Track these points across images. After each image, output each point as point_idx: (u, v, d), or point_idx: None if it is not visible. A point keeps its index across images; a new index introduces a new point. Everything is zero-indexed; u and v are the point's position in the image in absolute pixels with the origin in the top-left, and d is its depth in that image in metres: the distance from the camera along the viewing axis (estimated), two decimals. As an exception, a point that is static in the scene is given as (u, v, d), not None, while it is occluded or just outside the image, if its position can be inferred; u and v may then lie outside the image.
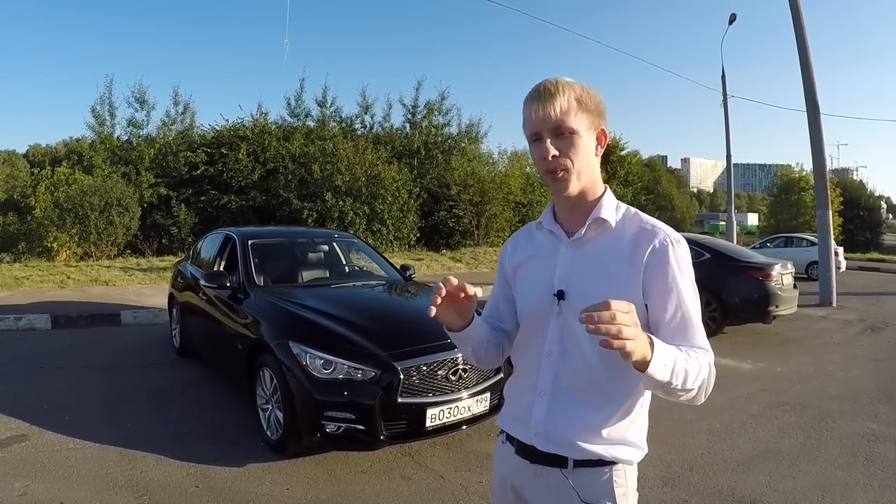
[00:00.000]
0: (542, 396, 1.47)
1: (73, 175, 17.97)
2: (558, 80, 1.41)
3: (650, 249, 1.38)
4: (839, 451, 4.51)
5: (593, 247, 1.45)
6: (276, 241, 6.54)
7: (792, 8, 12.84)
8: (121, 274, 13.44)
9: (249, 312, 4.83)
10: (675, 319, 1.38)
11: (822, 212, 13.13)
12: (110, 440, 4.34)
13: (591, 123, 1.41)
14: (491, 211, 22.69)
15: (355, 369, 3.86)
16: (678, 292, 1.38)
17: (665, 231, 1.42)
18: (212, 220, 18.91)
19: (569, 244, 1.48)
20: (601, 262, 1.42)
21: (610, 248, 1.43)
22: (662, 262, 1.38)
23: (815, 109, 12.81)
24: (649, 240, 1.39)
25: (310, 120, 22.97)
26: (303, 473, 3.89)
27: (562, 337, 1.45)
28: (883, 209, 44.67)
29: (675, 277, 1.37)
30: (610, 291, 1.26)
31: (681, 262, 1.39)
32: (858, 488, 3.88)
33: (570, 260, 1.47)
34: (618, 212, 1.47)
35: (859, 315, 11.41)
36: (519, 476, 1.54)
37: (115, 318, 9.01)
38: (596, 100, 1.42)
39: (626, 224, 1.45)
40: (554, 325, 1.47)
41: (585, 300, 1.29)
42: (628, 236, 1.42)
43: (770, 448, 4.57)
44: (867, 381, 6.59)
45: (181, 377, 6.10)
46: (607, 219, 1.44)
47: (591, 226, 1.45)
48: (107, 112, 20.49)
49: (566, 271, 1.47)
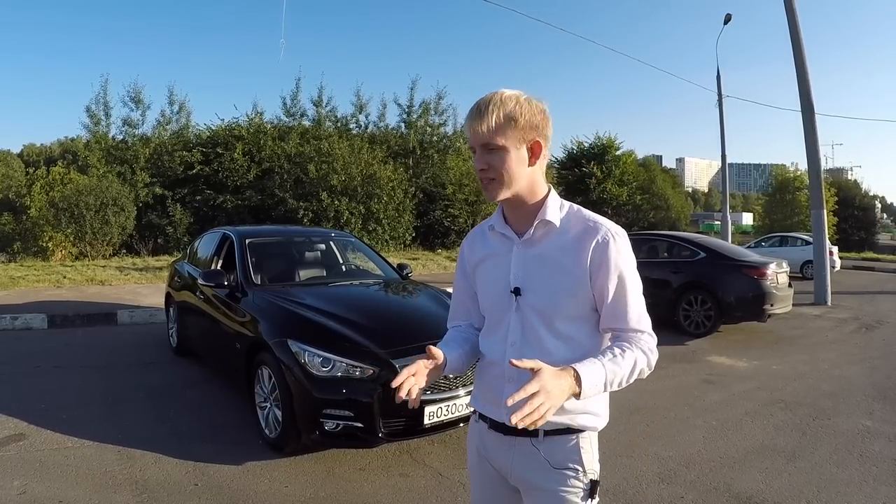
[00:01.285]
0: (510, 382, 1.57)
1: (69, 175, 17.95)
2: (492, 98, 1.54)
3: (594, 244, 1.54)
4: (834, 448, 4.53)
5: (542, 245, 1.61)
6: (274, 240, 6.55)
7: (787, 9, 12.89)
8: (117, 273, 13.42)
9: (247, 311, 4.84)
10: (616, 303, 1.54)
11: (817, 211, 13.18)
12: (109, 439, 4.34)
13: (521, 137, 1.53)
14: (486, 210, 22.66)
15: (354, 367, 3.87)
16: (619, 279, 1.53)
17: (606, 226, 1.57)
18: (207, 219, 18.92)
19: (520, 244, 1.64)
20: (551, 259, 1.58)
21: (557, 245, 1.59)
22: (605, 254, 1.53)
23: (811, 110, 12.86)
24: (592, 235, 1.55)
25: (305, 119, 23.06)
26: (301, 471, 3.90)
27: (522, 328, 1.61)
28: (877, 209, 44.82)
29: (616, 266, 1.53)
30: (561, 283, 1.56)
31: (622, 252, 1.55)
32: (853, 485, 3.90)
33: (523, 259, 1.63)
34: (562, 210, 1.62)
35: (854, 314, 11.46)
36: (494, 449, 1.70)
37: (112, 318, 8.99)
38: (530, 114, 1.53)
39: (570, 221, 1.60)
40: (514, 318, 1.63)
41: (540, 294, 1.59)
42: (573, 233, 1.58)
43: (766, 445, 4.59)
44: (862, 378, 6.63)
45: (179, 376, 6.10)
46: (551, 220, 1.59)
47: (538, 226, 1.60)
48: (102, 111, 20.53)
49: (520, 269, 1.63)
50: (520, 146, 1.54)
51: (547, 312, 1.58)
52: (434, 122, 25.05)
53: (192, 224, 19.08)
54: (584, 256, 1.54)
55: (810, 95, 12.81)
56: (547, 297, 1.58)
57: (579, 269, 1.55)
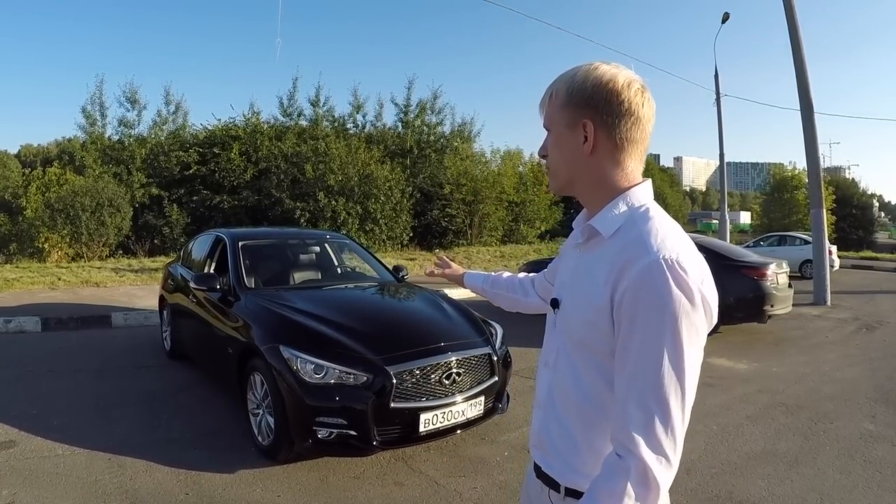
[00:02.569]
0: (538, 408, 1.41)
1: (65, 175, 17.88)
2: (561, 73, 1.31)
3: (624, 274, 1.13)
4: (837, 453, 4.47)
5: (590, 255, 1.29)
6: (267, 242, 6.47)
7: (786, 7, 12.82)
8: (112, 275, 13.32)
9: (240, 315, 4.76)
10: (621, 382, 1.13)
11: (817, 210, 13.11)
12: (100, 446, 4.26)
13: (573, 117, 1.25)
14: (484, 210, 22.67)
15: (347, 374, 3.79)
16: (640, 345, 1.09)
17: (657, 256, 1.11)
18: (204, 220, 18.87)
19: (576, 248, 1.37)
20: (590, 274, 1.24)
21: (599, 260, 1.23)
22: (633, 296, 1.10)
23: (810, 108, 12.79)
24: (629, 260, 1.13)
25: (302, 119, 22.98)
26: (294, 480, 3.82)
27: (557, 348, 1.35)
28: (875, 207, 44.79)
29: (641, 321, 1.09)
30: (585, 310, 1.22)
31: (664, 302, 1.07)
32: (857, 491, 3.85)
33: (573, 266, 1.36)
34: (621, 218, 1.24)
35: (854, 314, 11.40)
36: (533, 488, 1.45)
37: (106, 320, 8.90)
38: (582, 86, 1.24)
39: (623, 231, 1.22)
40: (551, 336, 1.40)
41: (570, 314, 1.30)
42: (616, 249, 1.19)
43: (767, 450, 4.53)
44: (863, 381, 6.57)
45: (172, 380, 6.02)
46: (598, 228, 1.25)
47: (585, 231, 1.32)
48: (98, 112, 20.46)
49: (567, 278, 1.38)
50: (569, 129, 1.27)
51: (572, 338, 1.29)
52: (431, 121, 25.01)
53: (189, 225, 19.02)
54: (609, 282, 1.16)
55: (809, 94, 12.74)
56: (571, 319, 1.29)
57: (602, 300, 1.17)
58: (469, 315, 4.84)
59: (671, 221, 1.24)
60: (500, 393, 4.47)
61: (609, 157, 1.26)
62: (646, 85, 1.26)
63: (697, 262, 1.14)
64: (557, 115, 1.29)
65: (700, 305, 1.10)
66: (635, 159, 1.28)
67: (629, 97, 1.22)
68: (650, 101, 1.26)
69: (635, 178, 1.28)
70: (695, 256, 1.15)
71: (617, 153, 1.25)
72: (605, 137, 1.24)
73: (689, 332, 1.09)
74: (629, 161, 1.27)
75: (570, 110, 1.26)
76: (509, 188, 23.65)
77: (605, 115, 1.22)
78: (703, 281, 1.12)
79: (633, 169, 1.28)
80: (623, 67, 1.27)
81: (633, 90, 1.23)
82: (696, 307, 1.09)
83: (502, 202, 23.56)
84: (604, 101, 1.22)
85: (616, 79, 1.23)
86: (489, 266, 18.09)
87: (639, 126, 1.24)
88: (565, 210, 27.99)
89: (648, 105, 1.25)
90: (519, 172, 25.62)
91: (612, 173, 1.27)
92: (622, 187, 1.27)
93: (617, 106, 1.22)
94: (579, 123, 1.24)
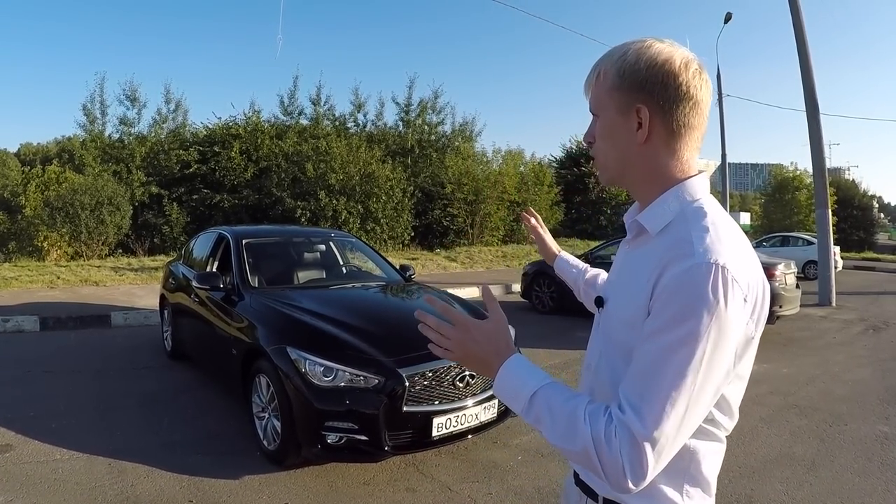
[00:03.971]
0: None
1: (64, 174, 17.79)
2: (608, 50, 1.19)
3: (666, 272, 1.03)
4: (854, 456, 4.40)
5: (637, 252, 1.21)
6: (272, 240, 6.34)
7: (792, 8, 12.71)
8: (111, 274, 13.21)
9: (244, 315, 4.64)
10: (636, 368, 1.04)
11: (822, 211, 13.02)
12: (99, 450, 4.14)
13: (624, 102, 1.14)
14: (485, 210, 22.53)
15: (357, 376, 3.67)
16: (663, 337, 1.01)
17: (702, 259, 1.01)
18: (204, 219, 18.76)
19: (625, 244, 1.29)
20: (635, 273, 1.14)
21: (644, 258, 1.14)
22: (671, 293, 1.02)
23: (815, 109, 12.70)
24: (673, 259, 1.04)
25: (303, 118, 22.82)
26: (302, 486, 3.71)
27: (600, 351, 1.25)
28: (875, 209, 44.71)
29: (671, 318, 1.00)
30: (627, 310, 1.13)
31: (698, 305, 0.98)
32: (877, 495, 3.78)
33: (620, 263, 1.29)
34: (671, 214, 1.14)
35: (859, 315, 11.32)
36: (572, 496, 1.37)
37: (106, 320, 8.80)
38: (633, 68, 1.12)
39: (671, 230, 1.12)
40: (595, 336, 1.31)
41: (612, 314, 1.21)
42: (663, 247, 1.10)
43: (784, 453, 4.44)
44: (874, 382, 6.50)
45: (173, 382, 5.90)
46: (645, 225, 1.17)
47: (631, 227, 1.23)
48: (98, 110, 20.27)
49: (614, 276, 1.30)
50: (621, 114, 1.15)
51: (614, 339, 1.19)
52: (432, 120, 24.87)
53: (189, 223, 18.89)
54: (650, 281, 1.06)
55: (815, 94, 12.65)
56: (613, 319, 1.20)
57: (643, 295, 1.07)
58: (480, 315, 4.72)
59: (727, 220, 1.13)
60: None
61: (664, 145, 1.15)
62: (703, 65, 1.15)
63: (748, 270, 1.05)
64: (606, 99, 1.17)
65: (740, 319, 1.02)
66: (692, 147, 1.17)
67: (687, 79, 1.11)
68: (708, 82, 1.15)
69: (690, 169, 1.17)
70: (746, 262, 1.06)
71: (673, 141, 1.14)
72: (660, 124, 1.13)
73: (719, 344, 0.99)
74: (685, 149, 1.16)
75: (622, 94, 1.14)
76: (511, 188, 23.53)
77: (661, 99, 1.11)
78: (751, 291, 1.04)
79: (688, 158, 1.17)
80: (678, 45, 1.16)
81: (692, 71, 1.12)
82: (735, 321, 1.00)
83: (504, 202, 23.42)
84: (660, 85, 1.11)
85: (672, 59, 1.11)
86: (491, 265, 18.00)
87: (697, 111, 1.13)
88: (566, 210, 27.89)
89: (706, 87, 1.14)
90: (520, 172, 25.49)
91: (667, 163, 1.16)
92: (676, 179, 1.16)
93: (674, 90, 1.11)
94: (633, 109, 1.13)
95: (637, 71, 1.12)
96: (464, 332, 1.19)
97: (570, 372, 6.50)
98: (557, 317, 10.09)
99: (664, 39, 1.16)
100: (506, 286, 13.28)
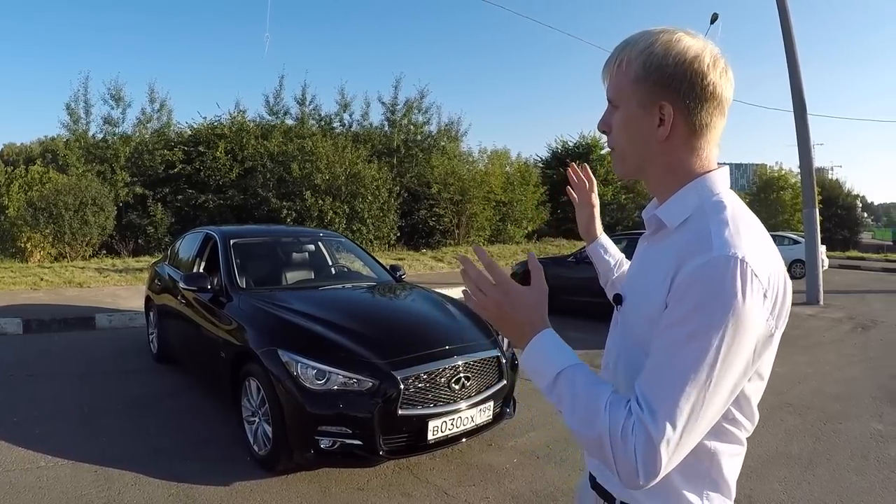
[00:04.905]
0: None
1: (48, 174, 17.56)
2: (631, 36, 1.14)
3: (684, 267, 1.00)
4: (850, 454, 4.40)
5: (656, 248, 1.18)
6: (260, 240, 6.23)
7: (780, 8, 12.76)
8: (96, 275, 13.03)
9: (233, 317, 4.54)
10: (652, 363, 1.01)
11: (810, 210, 13.05)
12: (85, 457, 4.03)
13: (646, 95, 1.10)
14: (471, 210, 22.47)
15: (351, 379, 3.59)
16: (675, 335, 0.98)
17: (720, 253, 0.98)
18: (189, 219, 18.57)
19: (644, 239, 1.26)
20: (654, 269, 1.10)
21: (663, 253, 1.10)
22: (684, 293, 0.99)
23: (803, 108, 12.76)
24: (691, 253, 1.01)
25: (289, 118, 22.65)
26: (295, 492, 3.62)
27: (618, 349, 1.22)
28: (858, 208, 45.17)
29: (688, 313, 0.97)
30: (645, 307, 1.10)
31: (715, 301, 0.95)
32: (875, 492, 3.79)
33: (640, 259, 1.26)
34: (690, 208, 1.11)
35: (847, 313, 11.38)
36: (587, 499, 1.34)
37: (90, 322, 8.66)
38: (661, 62, 1.08)
39: (689, 224, 1.09)
40: (613, 334, 1.27)
41: (630, 311, 1.18)
42: (682, 241, 1.07)
43: (781, 452, 4.42)
44: (866, 380, 6.52)
45: (159, 385, 5.79)
46: (664, 220, 1.13)
47: (650, 222, 1.20)
48: (82, 110, 19.96)
49: (633, 271, 1.27)
50: (642, 109, 1.11)
51: (633, 338, 1.15)
52: (418, 120, 24.76)
53: (174, 224, 18.69)
54: (669, 276, 1.03)
55: (802, 94, 12.70)
56: (631, 316, 1.17)
57: (662, 290, 1.04)
58: (475, 316, 4.66)
59: (747, 214, 1.10)
60: (508, 397, 4.30)
61: (685, 142, 1.12)
62: (728, 62, 1.11)
63: (769, 264, 1.01)
64: (628, 90, 1.13)
65: (760, 314, 0.98)
66: (713, 144, 1.14)
67: (715, 79, 1.08)
68: (731, 80, 1.11)
69: (711, 164, 1.14)
70: (767, 257, 1.02)
71: (694, 139, 1.11)
72: (682, 122, 1.09)
73: (737, 339, 0.96)
74: (707, 147, 1.13)
75: (646, 88, 1.10)
76: (497, 188, 23.50)
77: (686, 98, 1.08)
78: (771, 286, 1.01)
79: (708, 154, 1.14)
80: (706, 40, 1.11)
81: (719, 70, 1.08)
82: (754, 316, 0.97)
83: (490, 202, 23.39)
84: (687, 83, 1.07)
85: (702, 57, 1.07)
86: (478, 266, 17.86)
87: (720, 110, 1.11)
88: (552, 210, 27.91)
89: (731, 85, 1.11)
90: (506, 172, 25.47)
91: (687, 160, 1.13)
92: (695, 173, 1.13)
93: (701, 90, 1.07)
94: (656, 105, 1.09)
95: (664, 66, 1.08)
96: (503, 295, 1.15)
97: (562, 372, 6.46)
98: (549, 317, 10.04)
99: (689, 31, 1.12)
100: (494, 286, 13.19)
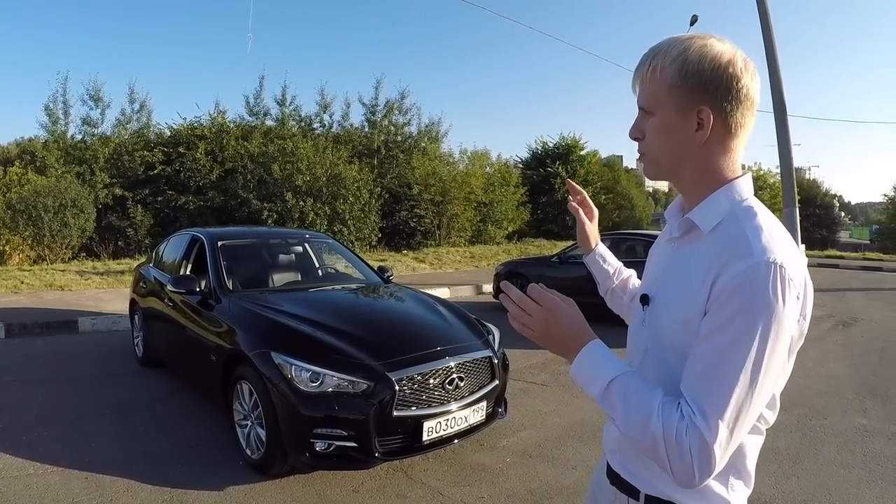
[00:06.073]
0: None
1: (26, 175, 17.21)
2: (661, 43, 1.18)
3: (724, 272, 1.05)
4: (837, 449, 4.48)
5: (687, 250, 1.21)
6: (248, 241, 6.19)
7: (759, 9, 12.92)
8: (77, 278, 12.83)
9: (223, 320, 4.50)
10: (698, 368, 1.06)
11: (790, 210, 13.22)
12: (74, 463, 3.97)
13: (683, 101, 1.13)
14: (452, 210, 22.48)
15: (346, 381, 3.57)
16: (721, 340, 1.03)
17: (761, 259, 1.03)
18: (169, 221, 18.44)
19: (671, 241, 1.29)
20: (687, 271, 1.15)
21: (696, 255, 1.16)
22: (728, 298, 1.03)
23: (783, 109, 12.95)
24: (731, 259, 1.05)
25: (269, 119, 22.47)
26: (290, 495, 3.60)
27: (646, 349, 1.27)
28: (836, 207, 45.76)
29: (731, 318, 1.02)
30: (680, 308, 1.15)
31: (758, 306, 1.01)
32: (862, 486, 3.86)
33: (666, 260, 1.29)
34: (722, 213, 1.16)
35: (828, 311, 11.51)
36: (603, 495, 1.41)
37: (73, 326, 8.53)
38: (697, 68, 1.12)
39: (723, 229, 1.14)
40: (638, 334, 1.32)
41: (661, 311, 1.22)
42: (717, 245, 1.11)
43: (768, 447, 4.44)
44: (848, 376, 6.60)
45: (147, 389, 5.72)
46: (697, 223, 1.17)
47: (682, 225, 1.23)
48: (60, 110, 19.65)
49: (659, 272, 1.30)
50: (680, 114, 1.15)
51: (663, 337, 1.20)
52: (398, 121, 24.70)
53: (154, 226, 18.50)
54: (707, 281, 1.08)
55: (783, 95, 12.91)
56: (663, 316, 1.21)
57: (699, 298, 1.09)
58: (465, 317, 4.67)
59: (775, 220, 1.15)
60: (500, 397, 4.31)
61: (720, 144, 1.17)
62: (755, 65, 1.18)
63: (800, 268, 1.08)
64: (665, 97, 1.17)
65: (794, 315, 1.05)
66: (742, 146, 1.20)
67: (747, 82, 1.13)
68: (759, 82, 1.18)
69: (738, 169, 1.20)
70: (798, 261, 1.08)
71: (728, 140, 1.17)
72: (719, 124, 1.14)
73: (777, 342, 1.03)
74: (739, 148, 1.19)
75: (683, 94, 1.14)
76: (477, 188, 23.52)
77: (723, 101, 1.13)
78: (804, 288, 1.09)
79: (737, 157, 1.20)
80: (734, 45, 1.17)
81: (750, 73, 1.14)
82: (791, 318, 1.04)
83: (470, 202, 23.40)
84: (724, 87, 1.12)
85: (735, 61, 1.13)
86: (459, 266, 17.90)
87: (752, 110, 1.17)
88: (532, 211, 28.01)
89: (758, 87, 1.17)
90: (487, 173, 25.50)
91: (720, 162, 1.18)
92: (726, 178, 1.18)
93: (737, 92, 1.13)
94: (694, 109, 1.14)
95: (701, 72, 1.12)
96: (549, 312, 1.18)
97: (548, 372, 6.49)
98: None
99: (716, 35, 1.17)
100: (476, 287, 13.22)
